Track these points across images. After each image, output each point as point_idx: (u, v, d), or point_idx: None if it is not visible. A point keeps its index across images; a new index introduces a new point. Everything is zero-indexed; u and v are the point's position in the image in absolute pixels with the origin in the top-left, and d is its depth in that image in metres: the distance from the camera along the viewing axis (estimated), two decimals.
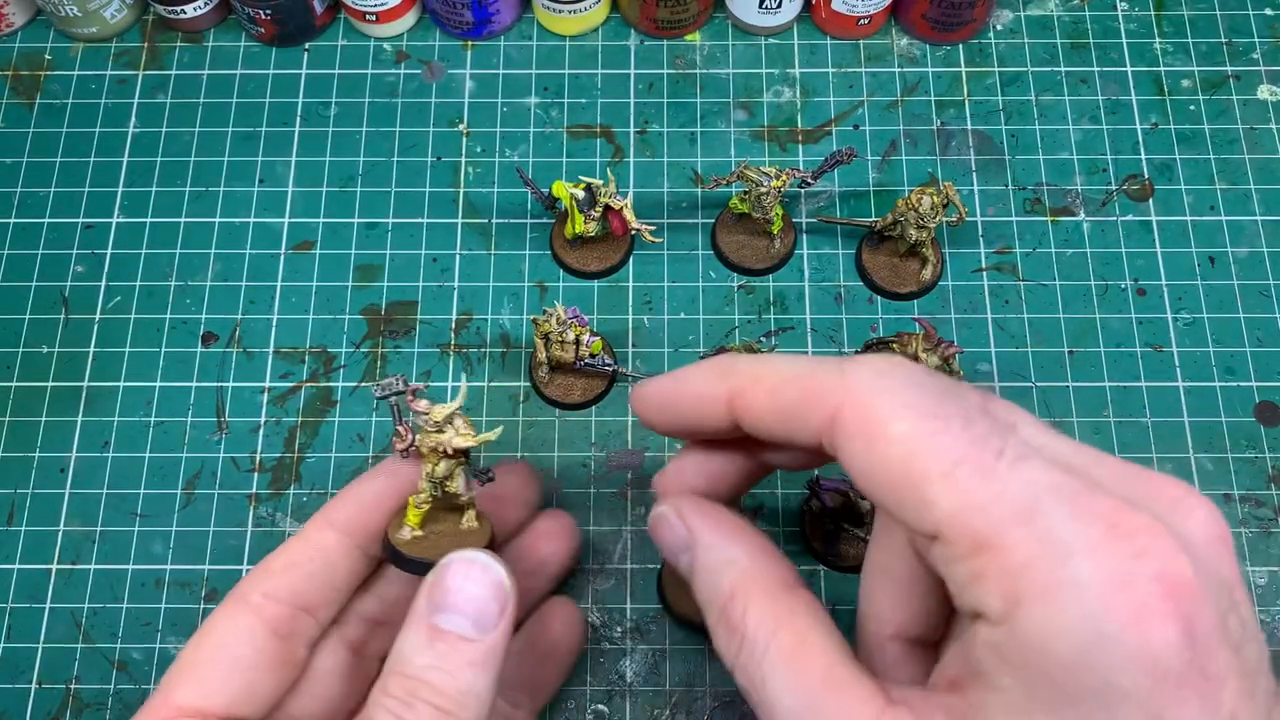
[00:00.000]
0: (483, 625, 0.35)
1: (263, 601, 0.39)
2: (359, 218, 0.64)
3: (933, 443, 0.28)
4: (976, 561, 0.27)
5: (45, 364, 0.60)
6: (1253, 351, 0.60)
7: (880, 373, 0.30)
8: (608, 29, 0.69)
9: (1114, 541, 0.25)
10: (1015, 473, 0.27)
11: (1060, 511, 0.26)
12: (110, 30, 0.68)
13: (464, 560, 0.36)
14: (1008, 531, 0.26)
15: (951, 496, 0.27)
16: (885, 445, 0.28)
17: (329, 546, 0.40)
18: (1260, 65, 0.67)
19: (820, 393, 0.30)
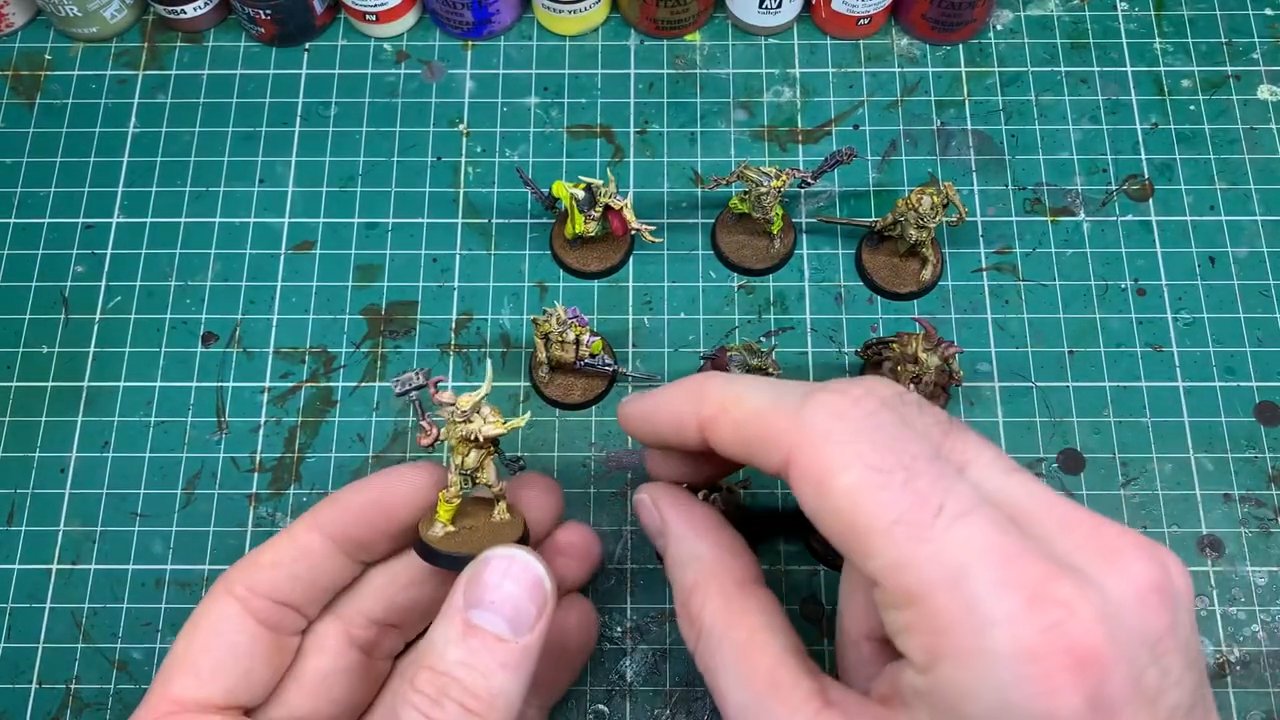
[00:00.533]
0: (519, 626, 0.34)
1: (247, 595, 0.38)
2: (359, 218, 0.64)
3: (876, 498, 0.29)
4: (906, 614, 0.29)
5: (45, 364, 0.60)
6: (1253, 351, 0.60)
7: (837, 414, 0.31)
8: (608, 29, 0.69)
9: (1032, 613, 0.26)
10: (950, 534, 0.28)
11: (986, 578, 0.27)
12: (110, 30, 0.68)
13: (504, 556, 0.35)
14: (935, 593, 0.28)
15: (889, 552, 0.29)
16: (833, 497, 0.30)
17: (314, 550, 0.40)
18: (1260, 65, 0.67)
19: (777, 433, 0.32)
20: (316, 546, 0.40)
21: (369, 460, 0.58)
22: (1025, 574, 0.27)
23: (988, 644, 0.27)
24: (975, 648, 0.27)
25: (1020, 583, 0.27)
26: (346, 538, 0.40)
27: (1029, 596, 0.27)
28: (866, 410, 0.31)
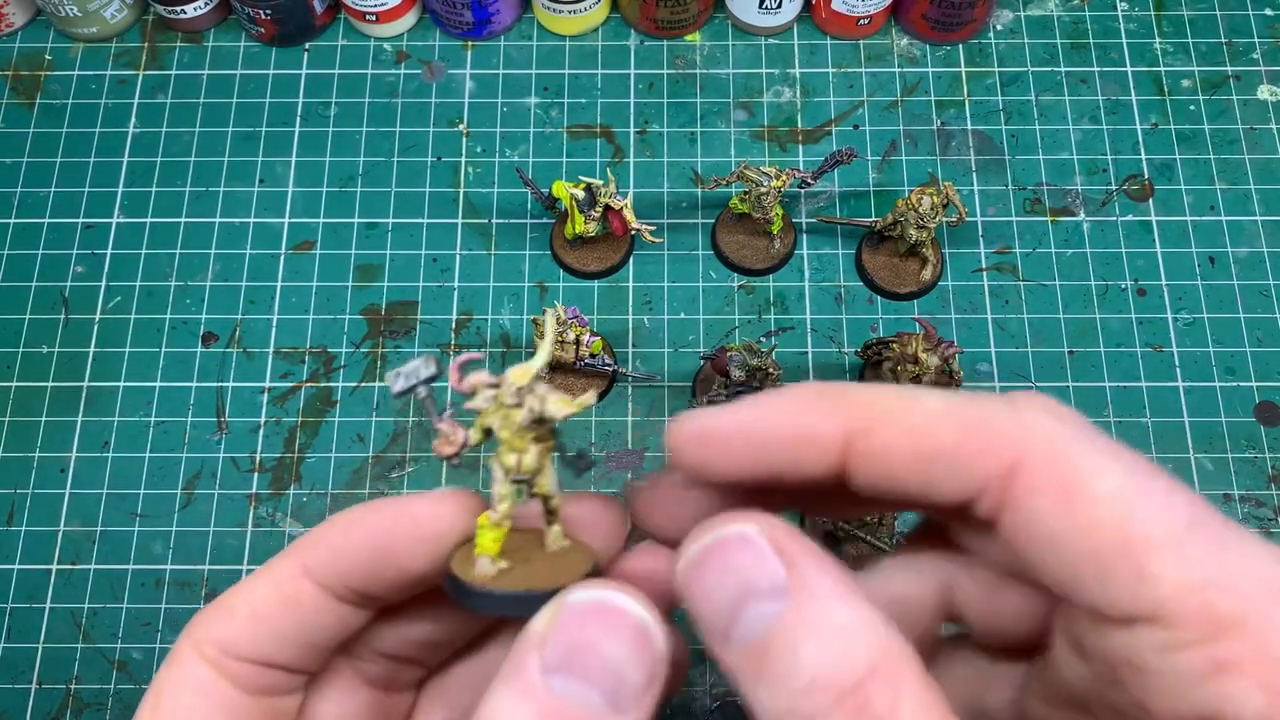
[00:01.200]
0: (620, 701, 0.24)
1: (220, 657, 0.29)
2: (359, 218, 0.64)
3: (1150, 503, 0.23)
4: (1216, 648, 0.21)
5: (45, 364, 0.60)
6: (1253, 351, 0.60)
7: (1057, 414, 0.25)
8: (608, 29, 0.69)
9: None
10: (1248, 544, 0.22)
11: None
12: (110, 30, 0.68)
13: (594, 602, 0.25)
14: (1263, 610, 0.22)
15: (1182, 568, 0.22)
16: (1091, 505, 0.23)
17: (304, 601, 0.29)
18: (1260, 65, 0.67)
19: (992, 435, 0.24)
20: (307, 597, 0.29)
21: (369, 460, 0.58)
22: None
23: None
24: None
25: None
26: (344, 588, 0.29)
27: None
28: (1071, 409, 0.25)
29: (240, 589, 0.30)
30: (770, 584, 0.24)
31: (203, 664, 0.29)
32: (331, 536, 0.29)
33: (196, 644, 0.29)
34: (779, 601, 0.23)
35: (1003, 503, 0.24)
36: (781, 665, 0.23)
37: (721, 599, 0.24)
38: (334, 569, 0.29)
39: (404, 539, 0.29)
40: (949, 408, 0.25)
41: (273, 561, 0.30)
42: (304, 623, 0.29)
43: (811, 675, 0.22)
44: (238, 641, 0.29)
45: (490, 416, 0.28)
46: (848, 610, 0.23)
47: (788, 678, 0.22)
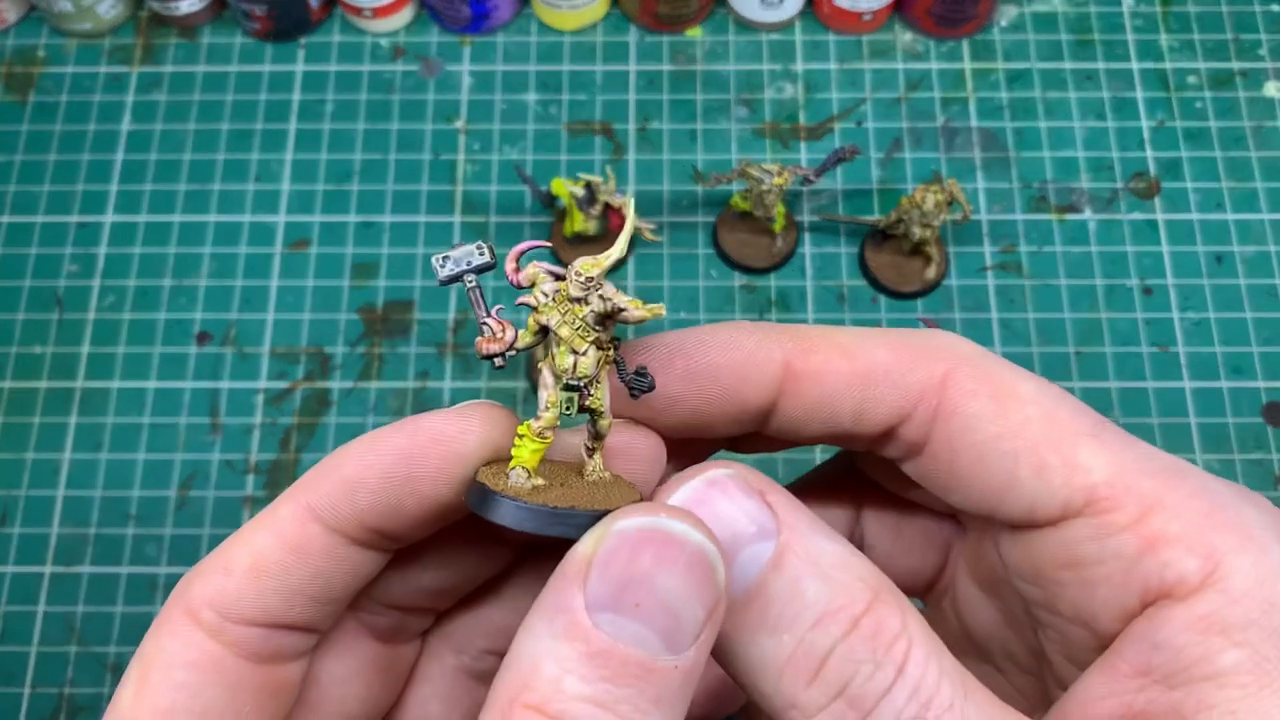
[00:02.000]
0: (678, 641, 0.21)
1: (219, 622, 0.25)
2: (355, 216, 0.63)
3: (1069, 404, 0.24)
4: (1148, 525, 0.22)
5: (39, 364, 0.59)
6: (1260, 351, 0.59)
7: (967, 340, 0.26)
8: (607, 24, 0.68)
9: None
10: (1138, 440, 0.24)
11: (1192, 472, 0.23)
12: (104, 26, 0.67)
13: (647, 528, 0.21)
14: (1178, 485, 0.23)
15: (1105, 456, 0.23)
16: (1020, 405, 0.24)
17: (316, 551, 0.26)
18: (1267, 62, 0.67)
19: (922, 351, 0.25)
20: (316, 543, 0.26)
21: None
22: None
23: (1255, 517, 0.23)
24: (1248, 523, 0.22)
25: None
26: (360, 527, 0.26)
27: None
28: None
29: (237, 541, 0.25)
30: (757, 526, 0.22)
31: (198, 631, 0.25)
32: (344, 467, 0.25)
33: (191, 608, 0.25)
34: (768, 541, 0.22)
35: (936, 413, 0.25)
36: (784, 605, 0.22)
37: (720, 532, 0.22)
38: (348, 506, 0.25)
39: (430, 461, 0.25)
40: (876, 332, 0.26)
41: (272, 506, 0.26)
42: (314, 573, 0.26)
43: (822, 607, 0.21)
44: (239, 601, 0.25)
45: (549, 312, 0.25)
46: (834, 544, 0.23)
47: (794, 616, 0.21)
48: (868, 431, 0.26)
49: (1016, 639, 0.28)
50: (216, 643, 0.25)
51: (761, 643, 0.22)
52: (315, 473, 0.25)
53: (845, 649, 0.21)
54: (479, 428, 0.25)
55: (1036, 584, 0.25)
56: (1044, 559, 0.24)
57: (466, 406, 0.26)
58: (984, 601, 0.29)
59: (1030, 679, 0.28)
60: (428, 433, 0.25)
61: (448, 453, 0.25)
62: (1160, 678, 0.22)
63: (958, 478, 0.25)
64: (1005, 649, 0.29)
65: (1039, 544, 0.24)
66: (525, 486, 0.24)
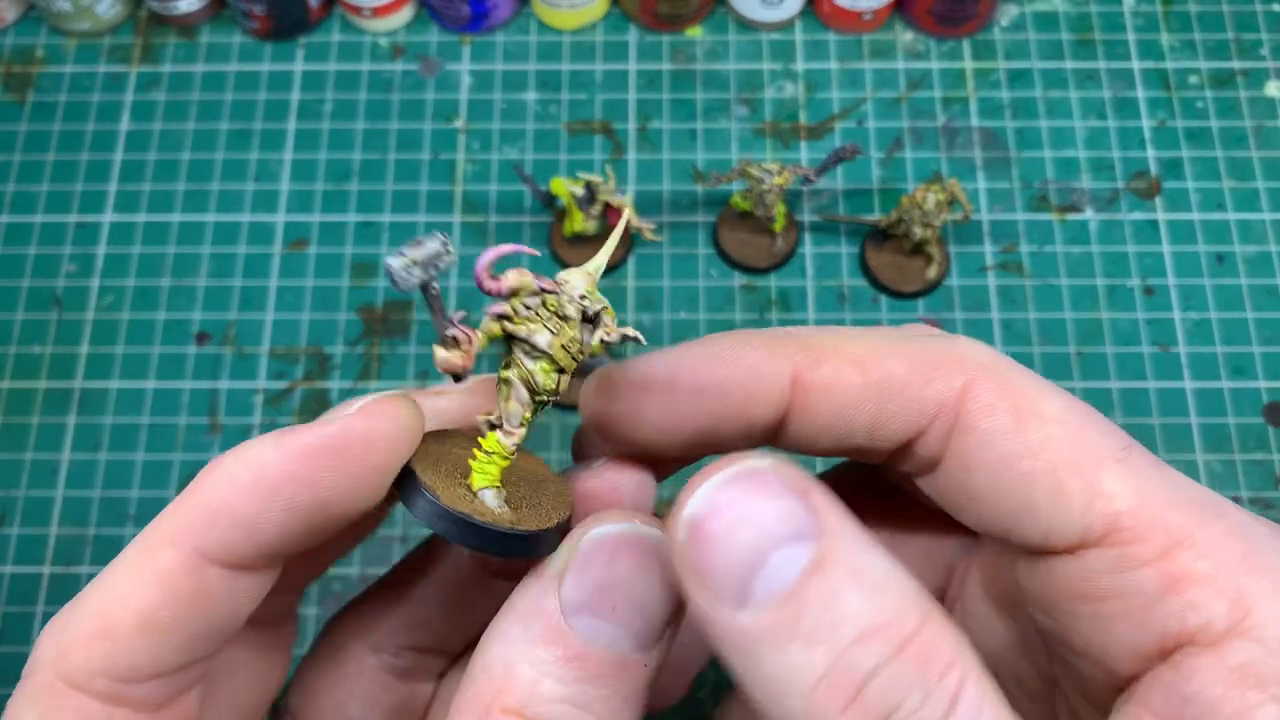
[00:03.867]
0: (648, 639, 0.22)
1: (117, 690, 0.22)
2: (355, 215, 0.63)
3: (1095, 424, 0.23)
4: (1174, 562, 0.21)
5: (37, 364, 0.59)
6: (1261, 351, 0.59)
7: (989, 348, 0.24)
8: (607, 23, 0.68)
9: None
10: (1170, 468, 0.23)
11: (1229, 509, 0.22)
12: (103, 25, 0.67)
13: (621, 536, 0.22)
14: (1211, 522, 0.21)
15: (1132, 482, 0.22)
16: (1042, 423, 0.22)
17: (215, 593, 0.22)
18: (1268, 61, 0.67)
19: (939, 362, 0.23)
20: (216, 586, 0.22)
21: None
22: None
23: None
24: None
25: None
26: (266, 557, 0.23)
27: None
28: None
29: (108, 597, 0.22)
30: (796, 528, 0.20)
31: (91, 702, 0.22)
32: (236, 504, 0.22)
33: (75, 681, 0.22)
34: (806, 544, 0.19)
35: (953, 429, 0.23)
36: (822, 614, 0.19)
37: (737, 553, 0.20)
38: (248, 545, 0.22)
39: (345, 479, 0.22)
40: (889, 340, 0.24)
41: (146, 549, 0.22)
42: (216, 612, 0.23)
43: (865, 622, 0.19)
44: (132, 664, 0.22)
45: (533, 326, 0.23)
46: (879, 558, 0.20)
47: (833, 628, 0.19)
48: (883, 446, 0.25)
49: (1029, 664, 0.27)
50: (112, 708, 0.22)
51: (791, 655, 0.19)
52: (194, 510, 0.22)
53: (892, 671, 0.18)
54: (402, 430, 0.23)
55: (1050, 614, 0.24)
56: (1058, 588, 0.23)
57: (379, 407, 0.23)
58: (997, 621, 0.28)
59: (1040, 707, 0.27)
60: (339, 448, 0.22)
61: (370, 465, 0.22)
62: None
63: (971, 496, 0.23)
64: (1015, 673, 0.27)
65: (1054, 572, 0.23)
66: (504, 513, 0.23)
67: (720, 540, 0.20)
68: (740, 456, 0.21)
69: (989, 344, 0.25)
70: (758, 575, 0.19)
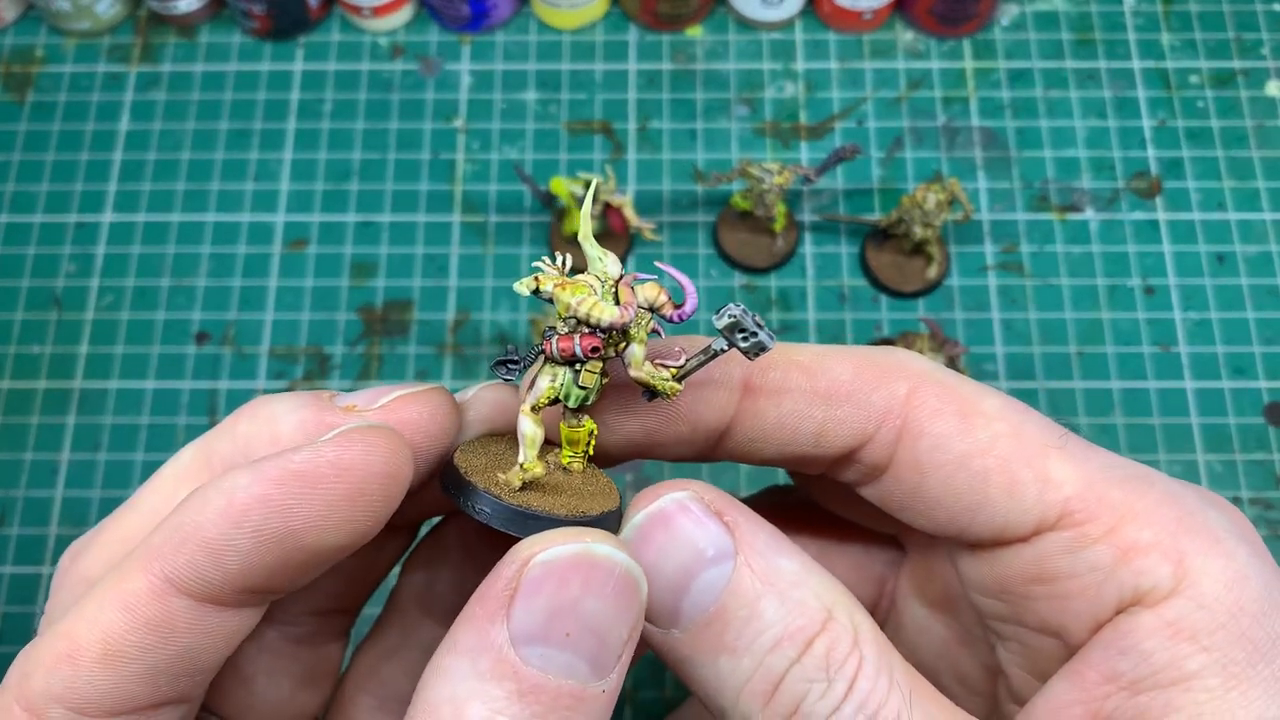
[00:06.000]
0: (605, 663, 0.20)
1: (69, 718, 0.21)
2: (354, 215, 0.63)
3: (1035, 420, 0.24)
4: (1121, 536, 0.22)
5: (37, 364, 0.59)
6: (1261, 351, 0.59)
7: (925, 358, 0.26)
8: (607, 23, 0.68)
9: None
10: (1101, 449, 0.24)
11: (1157, 478, 0.23)
12: (103, 25, 0.67)
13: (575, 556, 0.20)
14: (1145, 492, 0.23)
15: (1074, 468, 0.23)
16: (985, 422, 0.24)
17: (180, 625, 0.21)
18: (1268, 61, 0.66)
19: (883, 369, 0.25)
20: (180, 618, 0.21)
21: None
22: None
23: (1216, 521, 0.23)
24: (1214, 530, 0.22)
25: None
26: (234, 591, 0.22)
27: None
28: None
29: (77, 623, 0.21)
30: (716, 548, 0.22)
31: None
32: (205, 529, 0.21)
33: (33, 707, 0.21)
34: (726, 563, 0.22)
35: (900, 435, 0.24)
36: (743, 627, 0.22)
37: (669, 574, 0.22)
38: (216, 574, 0.21)
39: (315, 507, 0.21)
40: (834, 349, 0.25)
41: (118, 576, 0.21)
42: (181, 650, 0.22)
43: (779, 630, 0.21)
44: (91, 694, 0.21)
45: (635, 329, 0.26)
46: (792, 561, 0.22)
47: (752, 639, 0.22)
48: (828, 454, 0.25)
49: (970, 657, 0.28)
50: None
51: (721, 664, 0.22)
52: (167, 534, 0.21)
53: (799, 670, 0.21)
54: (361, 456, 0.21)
55: (1001, 599, 0.25)
56: (1012, 574, 0.24)
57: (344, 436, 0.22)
58: (933, 621, 0.29)
59: (981, 700, 0.28)
60: (297, 477, 0.21)
61: (328, 497, 0.21)
62: (1127, 684, 0.22)
63: (923, 500, 0.25)
64: (956, 669, 0.29)
65: (1006, 560, 0.24)
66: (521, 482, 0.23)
67: (653, 565, 0.22)
68: (663, 487, 0.23)
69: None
70: (683, 600, 0.22)
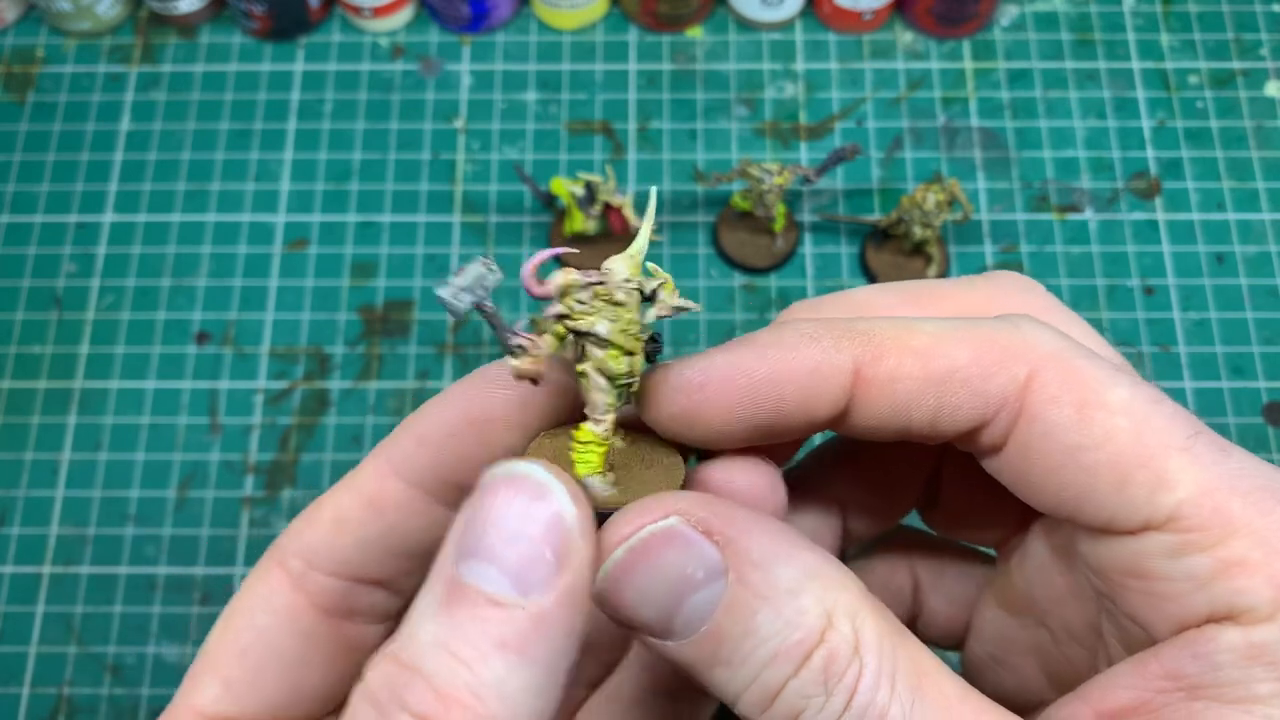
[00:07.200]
0: (529, 583, 0.21)
1: (305, 570, 0.27)
2: (355, 215, 0.63)
3: (1162, 411, 0.23)
4: (1227, 549, 0.22)
5: (37, 364, 0.59)
6: (1261, 351, 0.59)
7: (1052, 327, 0.24)
8: (607, 23, 0.68)
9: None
10: (1238, 451, 0.23)
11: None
12: (103, 25, 0.67)
13: (508, 478, 0.22)
14: (1272, 509, 0.22)
15: (1194, 472, 0.22)
16: (1108, 415, 0.23)
17: (392, 504, 0.27)
18: (1268, 61, 0.67)
19: (1003, 350, 0.23)
20: (396, 499, 0.27)
21: None
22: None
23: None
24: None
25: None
26: (436, 481, 0.26)
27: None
28: (1065, 311, 0.25)
29: (327, 497, 0.27)
30: (705, 570, 0.22)
31: (284, 579, 0.27)
32: (419, 423, 0.26)
33: (281, 557, 0.27)
34: (718, 582, 0.22)
35: (1017, 418, 0.23)
36: (738, 644, 0.21)
37: (657, 601, 0.22)
38: (424, 459, 0.26)
39: (496, 409, 0.26)
40: (953, 328, 0.24)
41: (355, 470, 0.27)
42: (389, 526, 0.26)
43: (775, 645, 0.21)
44: (318, 550, 0.26)
45: (591, 318, 0.25)
46: (789, 568, 0.22)
47: (748, 655, 0.21)
48: (942, 438, 0.25)
49: (1078, 613, 0.28)
50: (297, 592, 0.26)
51: (717, 675, 0.22)
52: (397, 429, 0.27)
53: (796, 685, 0.21)
54: (505, 393, 0.26)
55: (1100, 580, 0.24)
56: (1113, 563, 0.24)
57: (491, 378, 0.26)
58: (1053, 568, 0.28)
59: (1083, 652, 0.28)
60: (487, 383, 0.26)
61: (513, 398, 0.26)
62: (1187, 686, 0.22)
63: (1033, 482, 0.24)
64: (1064, 618, 0.28)
65: (1110, 547, 0.24)
66: (611, 495, 0.24)
67: (640, 592, 0.22)
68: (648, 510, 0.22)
69: None
70: (675, 620, 0.22)
